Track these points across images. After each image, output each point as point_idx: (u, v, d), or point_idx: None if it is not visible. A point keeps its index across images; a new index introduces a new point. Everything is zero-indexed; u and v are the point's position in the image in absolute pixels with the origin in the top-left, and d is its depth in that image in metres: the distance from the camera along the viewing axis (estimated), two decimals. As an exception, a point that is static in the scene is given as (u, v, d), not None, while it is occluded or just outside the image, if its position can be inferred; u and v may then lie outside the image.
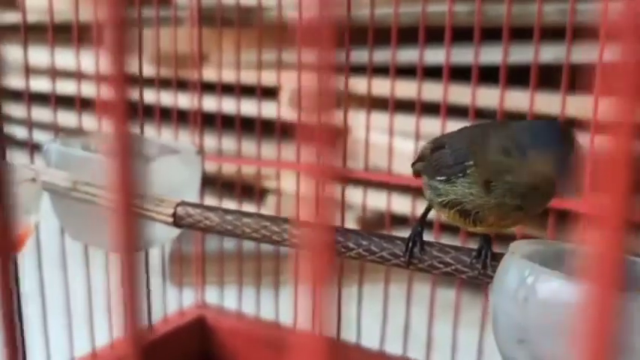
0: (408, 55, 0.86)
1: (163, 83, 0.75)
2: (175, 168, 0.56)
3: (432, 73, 0.76)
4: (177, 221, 0.48)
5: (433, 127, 0.76)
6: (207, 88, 0.78)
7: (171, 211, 0.48)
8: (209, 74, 0.85)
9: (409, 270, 0.40)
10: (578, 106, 0.56)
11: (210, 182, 0.76)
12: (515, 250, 0.31)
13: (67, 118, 0.92)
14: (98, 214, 0.54)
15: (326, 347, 0.16)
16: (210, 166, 0.76)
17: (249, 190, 0.87)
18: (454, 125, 0.76)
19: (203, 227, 0.46)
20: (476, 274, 0.38)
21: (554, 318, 0.28)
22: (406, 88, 0.78)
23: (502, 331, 0.31)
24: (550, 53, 0.80)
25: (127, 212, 0.17)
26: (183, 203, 0.48)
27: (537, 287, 0.29)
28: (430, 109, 0.78)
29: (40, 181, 0.52)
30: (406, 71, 0.81)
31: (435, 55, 0.79)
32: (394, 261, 0.38)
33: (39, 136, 0.79)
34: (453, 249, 0.39)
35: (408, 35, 0.77)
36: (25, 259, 0.57)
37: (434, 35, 0.74)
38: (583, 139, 0.38)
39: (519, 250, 0.31)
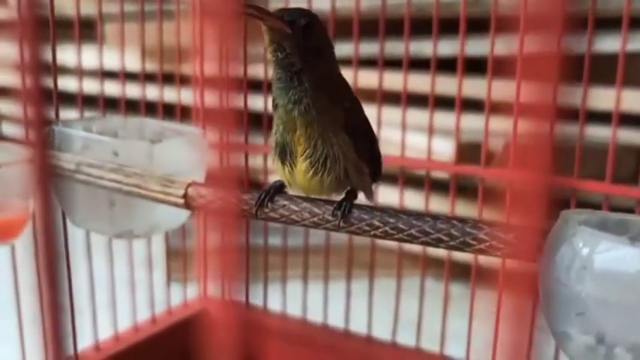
0: (419, 47, 0.84)
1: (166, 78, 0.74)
2: (181, 150, 0.54)
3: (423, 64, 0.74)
4: (188, 203, 0.45)
5: (447, 120, 0.75)
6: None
7: (181, 192, 0.45)
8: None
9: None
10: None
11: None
12: (568, 218, 0.29)
13: (68, 113, 0.90)
14: (101, 199, 0.52)
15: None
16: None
17: (256, 185, 0.85)
18: (469, 118, 0.75)
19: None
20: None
21: (617, 288, 0.26)
22: (417, 81, 0.77)
23: (555, 305, 0.28)
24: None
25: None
26: (194, 184, 0.45)
27: (597, 256, 0.27)
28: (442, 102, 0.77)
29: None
30: (418, 64, 0.79)
31: (450, 47, 0.78)
32: (423, 239, 0.35)
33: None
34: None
35: (419, 27, 0.76)
36: (23, 246, 0.54)
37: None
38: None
39: (572, 217, 0.29)
